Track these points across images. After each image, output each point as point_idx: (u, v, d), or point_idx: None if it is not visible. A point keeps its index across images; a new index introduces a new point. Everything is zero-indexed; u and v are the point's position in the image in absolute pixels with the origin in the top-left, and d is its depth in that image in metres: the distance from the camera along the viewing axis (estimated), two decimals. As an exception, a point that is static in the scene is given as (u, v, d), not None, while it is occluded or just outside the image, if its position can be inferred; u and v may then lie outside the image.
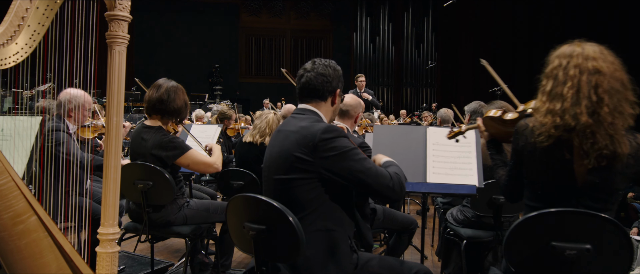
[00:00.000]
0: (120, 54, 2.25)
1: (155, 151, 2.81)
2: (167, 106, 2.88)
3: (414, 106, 18.17)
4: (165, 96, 2.88)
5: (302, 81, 2.00)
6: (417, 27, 18.63)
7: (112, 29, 2.22)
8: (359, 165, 1.80)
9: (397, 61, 18.56)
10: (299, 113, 1.99)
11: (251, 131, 3.96)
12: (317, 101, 2.00)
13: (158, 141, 2.81)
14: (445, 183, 2.69)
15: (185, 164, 2.85)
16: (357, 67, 18.28)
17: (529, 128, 1.85)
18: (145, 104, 2.94)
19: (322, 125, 1.84)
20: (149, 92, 2.94)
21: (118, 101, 2.26)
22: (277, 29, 18.67)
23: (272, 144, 1.99)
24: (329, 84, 1.98)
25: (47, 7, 1.92)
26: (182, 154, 2.82)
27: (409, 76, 18.61)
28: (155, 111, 2.91)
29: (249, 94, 17.56)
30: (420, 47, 18.57)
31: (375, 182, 1.81)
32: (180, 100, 2.94)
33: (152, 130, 2.88)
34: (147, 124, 2.93)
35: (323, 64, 2.00)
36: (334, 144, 1.80)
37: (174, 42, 17.40)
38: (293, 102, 14.97)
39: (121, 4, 2.22)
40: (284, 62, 18.61)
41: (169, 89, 2.91)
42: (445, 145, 2.81)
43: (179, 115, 2.97)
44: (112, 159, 2.26)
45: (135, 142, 2.92)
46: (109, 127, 2.24)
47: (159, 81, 2.97)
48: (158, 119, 2.93)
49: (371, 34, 18.58)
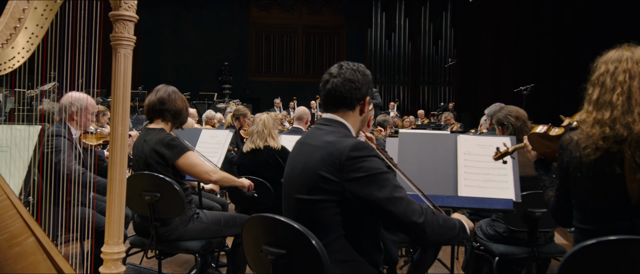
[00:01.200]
0: (126, 57, 2.15)
1: (157, 147, 2.79)
2: (168, 106, 2.90)
3: (432, 106, 17.98)
4: (166, 96, 2.91)
5: (327, 88, 1.85)
6: (435, 22, 18.42)
7: (117, 30, 2.12)
8: (386, 192, 1.65)
9: (413, 58, 18.37)
10: (324, 124, 1.86)
11: (249, 139, 3.87)
12: (344, 111, 1.86)
13: (160, 138, 2.82)
14: (478, 197, 2.55)
15: (182, 164, 2.81)
16: (372, 64, 18.11)
17: (573, 142, 1.73)
18: (145, 108, 2.96)
19: (351, 141, 1.70)
20: (148, 97, 2.97)
21: (123, 108, 2.16)
22: (288, 24, 18.56)
23: (294, 158, 1.87)
24: (357, 91, 1.84)
25: (46, 7, 1.82)
26: (181, 154, 2.81)
27: (426, 74, 18.41)
28: (156, 113, 2.92)
29: (259, 92, 17.48)
30: (439, 43, 18.36)
31: (402, 214, 1.65)
32: (180, 101, 2.97)
33: (155, 131, 2.89)
34: (150, 127, 2.94)
35: (351, 68, 1.85)
36: (362, 165, 1.66)
37: (182, 40, 17.37)
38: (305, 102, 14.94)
39: (127, 3, 2.12)
40: (296, 59, 18.52)
41: (169, 91, 2.95)
42: (477, 155, 2.67)
43: (180, 116, 2.98)
44: (117, 172, 2.16)
45: (139, 144, 2.90)
46: (113, 137, 2.14)
47: (158, 86, 3.01)
48: (160, 121, 2.94)
49: (387, 30, 18.40)
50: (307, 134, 1.90)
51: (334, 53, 18.65)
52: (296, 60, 18.54)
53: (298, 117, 5.37)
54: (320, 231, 1.69)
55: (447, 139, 2.76)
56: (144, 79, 15.66)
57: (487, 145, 2.69)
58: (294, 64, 18.58)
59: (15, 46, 1.74)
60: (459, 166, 2.66)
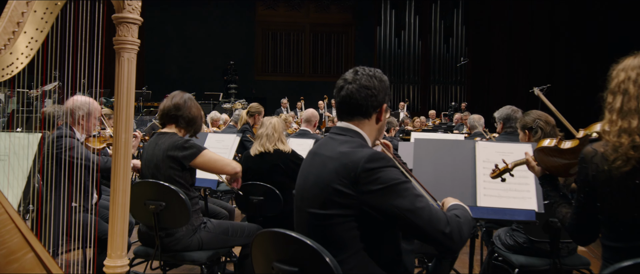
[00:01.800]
0: (130, 62, 2.10)
1: (171, 152, 2.77)
2: (183, 113, 2.90)
3: (443, 105, 17.84)
4: (182, 102, 2.91)
5: (341, 95, 1.78)
6: (445, 20, 18.27)
7: (121, 33, 2.07)
8: (408, 202, 1.58)
9: (424, 57, 18.22)
10: (338, 133, 1.79)
11: (258, 141, 3.81)
12: (359, 119, 1.79)
13: (173, 142, 2.80)
14: (498, 207, 2.48)
15: (201, 163, 2.83)
16: (381, 63, 17.99)
17: (598, 154, 1.67)
18: (160, 113, 2.94)
19: (366, 152, 1.64)
20: (163, 102, 2.97)
21: (127, 114, 2.11)
22: (295, 23, 18.48)
23: (307, 169, 1.80)
24: (374, 98, 1.77)
25: (46, 10, 1.77)
26: (199, 153, 2.81)
27: (436, 73, 18.26)
28: (170, 119, 2.91)
29: (266, 92, 17.40)
30: (449, 41, 18.19)
31: (427, 226, 1.58)
32: (195, 109, 2.97)
33: (167, 135, 2.88)
34: (162, 131, 2.93)
35: (367, 74, 1.78)
36: (379, 175, 1.59)
37: (187, 38, 17.34)
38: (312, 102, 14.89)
39: (130, 5, 2.07)
40: (303, 58, 18.45)
41: (185, 98, 2.95)
42: (497, 162, 2.59)
43: (194, 124, 2.96)
44: (120, 182, 2.11)
45: (149, 149, 2.88)
46: (116, 145, 2.09)
47: (173, 92, 3.02)
48: (173, 126, 2.93)
49: (396, 28, 18.24)
50: (320, 144, 1.83)
51: (342, 52, 18.58)
52: (303, 59, 18.47)
53: (306, 119, 5.32)
54: (335, 247, 1.63)
55: (464, 145, 2.69)
56: (148, 79, 15.68)
57: (507, 152, 2.62)
58: (301, 63, 18.51)
59: (14, 51, 1.69)
60: (478, 174, 2.59)
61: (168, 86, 15.39)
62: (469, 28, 18.09)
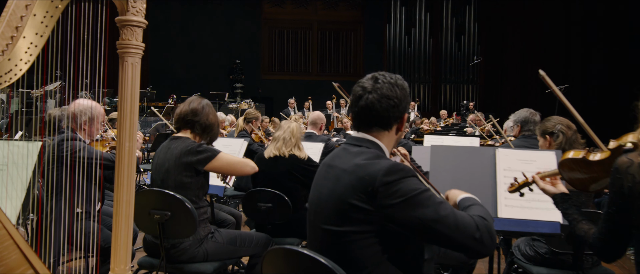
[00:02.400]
0: (134, 67, 2.05)
1: (185, 158, 2.73)
2: (199, 118, 2.87)
3: (454, 105, 17.72)
4: (199, 108, 2.89)
5: (360, 105, 1.69)
6: (457, 17, 18.14)
7: (125, 36, 2.02)
8: (432, 212, 1.51)
9: (435, 55, 18.12)
10: (353, 144, 1.72)
11: (273, 144, 3.76)
12: (378, 130, 1.71)
13: (186, 147, 2.76)
14: (521, 219, 2.40)
15: (218, 166, 2.82)
16: (391, 62, 17.92)
17: (635, 164, 1.61)
18: (176, 117, 2.92)
19: (384, 164, 1.57)
20: (180, 106, 2.95)
21: (131, 122, 2.05)
22: (302, 20, 18.41)
23: (320, 182, 1.73)
24: (395, 108, 1.68)
25: (47, 13, 1.72)
26: (214, 156, 2.78)
27: (448, 72, 18.14)
28: (186, 123, 2.88)
29: (272, 92, 17.38)
30: (461, 39, 18.06)
31: (456, 233, 1.52)
32: (213, 116, 2.94)
33: (180, 139, 2.84)
34: (176, 135, 2.89)
35: (389, 82, 1.69)
36: (398, 187, 1.53)
37: (191, 37, 17.32)
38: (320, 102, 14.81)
39: (135, 7, 2.02)
40: (310, 56, 18.39)
41: (204, 104, 2.93)
42: (519, 171, 2.51)
43: (211, 132, 2.93)
44: (124, 192, 2.06)
45: (161, 154, 2.84)
46: (120, 154, 2.04)
47: (191, 97, 3.01)
48: (188, 132, 2.89)
49: (406, 25, 18.13)
50: (334, 155, 1.76)
51: (350, 50, 18.51)
52: (311, 58, 18.40)
53: (312, 122, 5.28)
54: (352, 265, 1.57)
55: (484, 153, 2.62)
56: (153, 78, 15.68)
57: (529, 160, 2.55)
58: (309, 61, 18.45)
59: (13, 57, 1.64)
60: (499, 183, 2.52)
61: (173, 85, 15.43)
62: (481, 25, 17.95)
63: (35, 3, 1.70)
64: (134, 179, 2.07)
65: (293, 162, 3.64)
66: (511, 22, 17.41)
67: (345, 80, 18.10)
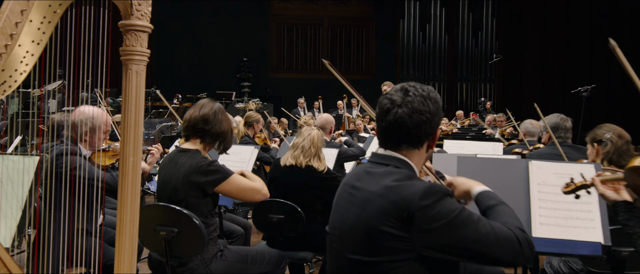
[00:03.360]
0: (139, 75, 1.97)
1: (193, 177, 2.59)
2: (212, 127, 2.72)
3: (471, 105, 17.56)
4: (211, 115, 2.73)
5: (388, 120, 1.59)
6: (474, 12, 17.97)
7: (128, 42, 1.93)
8: (473, 232, 1.45)
9: (450, 52, 17.97)
10: (380, 162, 1.62)
11: (291, 151, 3.67)
12: (408, 148, 1.61)
13: (195, 165, 2.61)
14: (557, 239, 2.29)
15: (228, 191, 2.67)
16: (404, 59, 17.79)
17: None
18: (185, 123, 2.77)
19: (419, 186, 1.47)
20: (189, 111, 2.79)
21: (135, 135, 1.97)
22: (312, 16, 18.34)
23: (343, 206, 1.63)
24: (427, 124, 1.58)
25: (44, 18, 1.63)
26: (225, 179, 2.63)
27: (464, 69, 18.01)
28: (196, 133, 2.73)
29: (281, 91, 17.31)
30: (478, 35, 17.91)
31: (498, 251, 1.47)
32: (227, 123, 2.80)
33: (189, 153, 2.69)
34: (184, 147, 2.74)
35: (420, 94, 1.58)
36: (437, 211, 1.45)
37: (197, 33, 17.29)
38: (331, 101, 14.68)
39: (139, 10, 1.93)
40: (320, 54, 18.29)
41: (216, 110, 2.77)
42: (554, 185, 2.40)
43: (223, 140, 2.80)
44: (128, 211, 1.97)
45: (167, 168, 2.71)
46: (123, 170, 1.95)
47: (202, 101, 2.83)
48: (198, 142, 2.75)
49: (421, 21, 18.00)
50: (358, 175, 1.65)
51: (362, 47, 18.41)
52: (321, 55, 18.28)
53: (321, 125, 5.17)
54: None
55: (516, 165, 2.50)
56: (157, 77, 15.66)
57: (565, 173, 2.42)
58: (319, 59, 18.34)
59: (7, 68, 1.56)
60: (532, 199, 2.41)
61: (178, 84, 15.42)
62: (499, 21, 17.77)
63: (31, 8, 1.62)
64: (139, 197, 1.99)
65: (309, 174, 3.55)
66: (531, 17, 17.20)
67: (357, 79, 18.08)
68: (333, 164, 4.46)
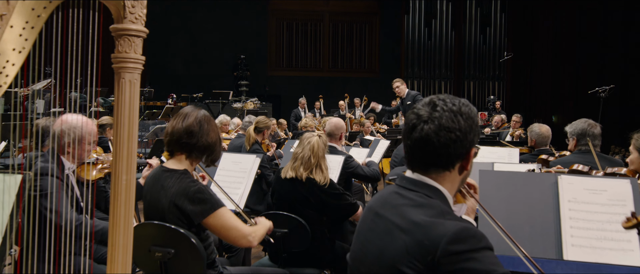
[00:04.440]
0: (132, 85, 1.85)
1: (180, 201, 2.42)
2: (198, 140, 2.52)
3: (479, 104, 17.47)
4: (196, 127, 2.53)
5: (414, 137, 1.46)
6: (482, 7, 17.94)
7: (121, 48, 1.81)
8: None
9: (457, 49, 17.93)
10: (407, 188, 1.50)
11: (291, 163, 3.53)
12: (438, 171, 1.49)
13: (183, 189, 2.43)
14: (591, 262, 2.16)
15: (211, 225, 2.45)
16: (409, 56, 17.72)
17: None
18: (167, 137, 2.57)
19: (450, 227, 1.33)
20: (171, 123, 2.59)
21: (129, 150, 1.85)
22: (313, 11, 18.26)
23: (365, 234, 1.51)
24: (459, 143, 1.45)
25: (26, 24, 1.51)
26: (213, 210, 2.43)
27: (472, 67, 17.97)
28: (181, 147, 2.54)
29: (280, 89, 17.25)
30: (487, 31, 17.88)
31: None
32: (214, 133, 2.59)
33: (176, 175, 2.49)
34: (169, 166, 2.55)
35: (449, 109, 1.45)
36: (467, 266, 1.29)
37: (193, 29, 17.21)
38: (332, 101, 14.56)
39: (133, 13, 1.81)
40: (321, 51, 18.20)
41: (201, 119, 2.56)
42: (587, 203, 2.29)
43: (212, 153, 2.60)
44: (120, 235, 1.86)
45: (152, 191, 2.53)
46: (115, 190, 1.83)
47: (185, 109, 2.62)
48: (183, 158, 2.56)
49: (426, 17, 17.95)
50: (383, 200, 1.53)
51: (365, 44, 18.34)
52: (322, 53, 18.24)
53: (329, 132, 4.95)
54: None
55: (544, 180, 2.38)
56: (151, 76, 15.55)
57: (598, 189, 2.31)
58: (320, 56, 18.29)
59: (-15, 79, 1.43)
60: (563, 218, 2.28)
61: (172, 83, 15.31)
62: (509, 16, 17.75)
63: (12, 12, 1.50)
64: (133, 220, 1.87)
65: (310, 188, 3.41)
66: (542, 12, 17.07)
67: (360, 77, 18.03)
68: (338, 173, 4.31)
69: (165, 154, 2.65)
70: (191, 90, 14.05)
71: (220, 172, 3.53)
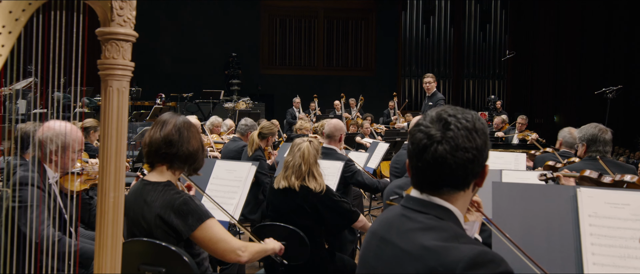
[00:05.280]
0: (121, 93, 1.76)
1: (166, 214, 2.32)
2: (178, 150, 2.41)
3: (478, 104, 17.47)
4: (176, 135, 2.42)
5: (426, 159, 1.37)
6: (482, 3, 17.95)
7: (108, 54, 1.72)
8: None
9: (456, 47, 17.92)
10: (415, 209, 1.41)
11: (283, 172, 3.45)
12: (451, 192, 1.40)
13: (168, 202, 2.34)
14: (615, 282, 2.09)
15: (200, 238, 2.35)
16: (407, 54, 17.69)
17: None
18: (145, 148, 2.46)
19: (465, 252, 1.26)
20: (149, 132, 2.47)
21: (117, 166, 1.75)
22: (307, 7, 18.18)
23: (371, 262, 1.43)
24: (475, 162, 1.37)
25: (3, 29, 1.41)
26: (201, 222, 2.33)
27: (471, 65, 17.98)
28: (161, 158, 2.43)
29: (273, 88, 17.19)
30: (486, 28, 17.88)
31: None
32: (195, 140, 2.48)
33: (158, 188, 2.39)
34: (150, 179, 2.44)
35: (464, 127, 1.36)
36: None
37: (182, 25, 17.10)
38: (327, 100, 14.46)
39: (121, 15, 1.71)
40: (316, 49, 18.13)
41: (180, 126, 2.44)
42: (608, 218, 2.20)
43: (194, 161, 2.49)
44: (107, 258, 1.76)
45: (134, 206, 2.42)
46: (102, 208, 1.73)
47: (164, 115, 2.50)
48: (164, 169, 2.45)
49: (424, 13, 17.93)
50: (388, 223, 1.44)
51: (361, 41, 18.28)
52: (316, 50, 18.19)
53: (328, 134, 4.85)
54: None
55: (562, 193, 2.29)
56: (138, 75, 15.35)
57: (620, 203, 2.22)
58: (314, 54, 18.23)
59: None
60: (583, 234, 2.20)
61: (160, 82, 15.18)
62: (509, 13, 17.70)
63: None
64: (121, 240, 1.77)
65: (304, 197, 3.33)
66: (543, 8, 17.10)
67: (355, 75, 17.97)
68: (337, 180, 4.22)
69: (146, 166, 2.53)
70: (180, 89, 13.93)
71: (214, 181, 3.43)
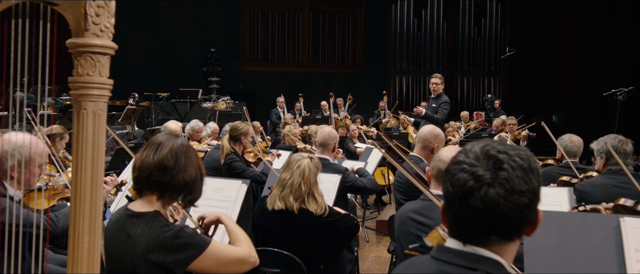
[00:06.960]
0: (97, 117, 1.56)
1: (154, 256, 2.09)
2: (172, 178, 2.17)
3: (473, 102, 17.43)
4: (171, 161, 2.18)
5: (473, 205, 1.21)
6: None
7: (82, 70, 1.52)
8: None
9: (450, 42, 17.86)
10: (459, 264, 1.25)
11: (279, 191, 3.27)
12: (501, 242, 1.25)
13: (156, 239, 2.11)
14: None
15: (205, 268, 2.17)
16: (397, 50, 17.62)
17: None
18: (134, 172, 2.21)
19: None
20: (141, 153, 2.22)
21: (93, 202, 1.56)
22: (291, 1, 18.10)
23: None
24: (531, 208, 1.24)
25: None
26: (200, 253, 2.14)
27: (465, 62, 17.93)
28: (152, 186, 2.19)
29: (255, 86, 17.09)
30: (482, 22, 17.81)
31: None
32: (193, 168, 2.24)
33: (144, 220, 2.15)
34: (135, 209, 2.20)
35: (519, 166, 1.22)
36: None
37: (157, 18, 16.90)
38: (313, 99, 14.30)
39: (97, 24, 1.53)
40: (301, 44, 18.02)
41: (177, 151, 2.20)
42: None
43: (190, 192, 2.26)
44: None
45: (115, 241, 2.20)
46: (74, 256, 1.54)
47: (159, 137, 2.26)
48: (154, 199, 2.21)
49: (416, 6, 17.85)
50: None
51: (348, 36, 18.21)
52: (301, 46, 18.09)
53: (322, 143, 4.67)
54: None
55: (602, 223, 2.15)
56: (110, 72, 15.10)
57: (670, 235, 2.08)
58: (299, 50, 18.14)
59: None
60: (629, 267, 2.06)
61: (133, 80, 14.92)
62: (505, 6, 17.69)
63: None
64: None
65: (304, 221, 3.17)
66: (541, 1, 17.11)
67: (343, 72, 17.86)
68: (334, 195, 4.05)
69: (132, 190, 2.27)
70: (155, 88, 13.71)
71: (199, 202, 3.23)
